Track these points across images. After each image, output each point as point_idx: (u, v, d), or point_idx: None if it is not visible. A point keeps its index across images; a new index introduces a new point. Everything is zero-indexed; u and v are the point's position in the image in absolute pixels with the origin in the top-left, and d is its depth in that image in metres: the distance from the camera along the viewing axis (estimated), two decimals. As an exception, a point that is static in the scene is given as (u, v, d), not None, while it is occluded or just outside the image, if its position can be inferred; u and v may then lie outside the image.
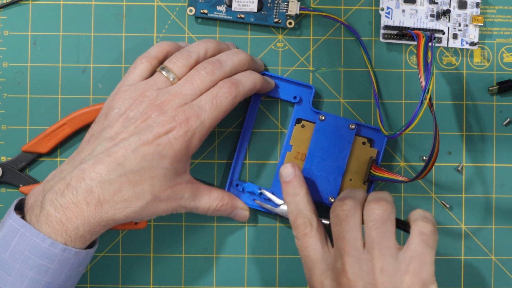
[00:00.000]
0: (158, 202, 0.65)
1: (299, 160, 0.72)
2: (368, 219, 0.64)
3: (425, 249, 0.62)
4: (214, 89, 0.66)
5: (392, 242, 0.63)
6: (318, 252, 0.65)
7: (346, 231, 0.64)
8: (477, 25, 0.73)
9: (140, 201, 0.64)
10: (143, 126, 0.64)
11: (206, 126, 0.65)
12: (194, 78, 0.66)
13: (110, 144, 0.64)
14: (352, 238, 0.63)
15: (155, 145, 0.63)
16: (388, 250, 0.62)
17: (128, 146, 0.63)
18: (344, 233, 0.64)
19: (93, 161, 0.63)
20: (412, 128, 0.65)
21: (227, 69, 0.67)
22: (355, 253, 0.63)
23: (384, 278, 0.62)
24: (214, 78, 0.66)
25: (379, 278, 0.62)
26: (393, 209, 0.64)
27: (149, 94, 0.65)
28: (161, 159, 0.63)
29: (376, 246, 0.62)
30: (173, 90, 0.65)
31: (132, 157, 0.63)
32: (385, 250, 0.62)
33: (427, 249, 0.62)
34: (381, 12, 0.73)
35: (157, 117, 0.64)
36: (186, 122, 0.64)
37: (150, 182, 0.64)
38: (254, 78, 0.68)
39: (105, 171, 0.62)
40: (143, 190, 0.64)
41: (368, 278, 0.62)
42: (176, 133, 0.64)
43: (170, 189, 0.65)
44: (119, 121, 0.65)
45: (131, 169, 0.63)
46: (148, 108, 0.64)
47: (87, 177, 0.62)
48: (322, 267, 0.65)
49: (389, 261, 0.62)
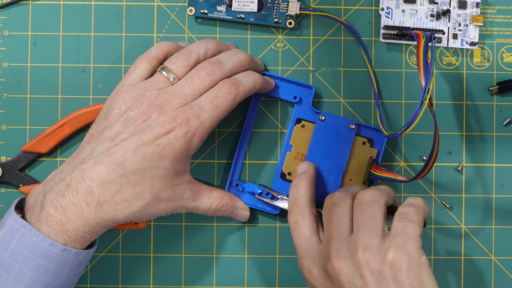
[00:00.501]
0: (158, 202, 0.65)
1: (299, 160, 0.72)
2: (356, 203, 0.64)
3: (405, 224, 0.61)
4: (214, 89, 0.66)
5: (378, 223, 0.62)
6: (308, 240, 0.65)
7: (334, 216, 0.64)
8: (477, 25, 0.73)
9: (140, 201, 0.64)
10: (143, 127, 0.64)
11: (206, 126, 0.65)
12: (194, 78, 0.66)
13: (110, 144, 0.64)
14: (340, 222, 0.63)
15: (155, 145, 0.63)
16: (374, 231, 0.61)
17: (128, 146, 0.63)
18: (332, 218, 0.64)
19: (93, 162, 0.63)
20: (412, 128, 0.65)
21: (227, 69, 0.67)
22: (342, 237, 0.62)
23: (367, 257, 0.60)
24: (214, 78, 0.66)
25: (362, 256, 0.60)
26: (382, 195, 0.63)
27: (149, 94, 0.65)
28: (161, 160, 0.63)
29: (361, 226, 0.62)
30: (173, 90, 0.65)
31: (132, 158, 0.63)
32: (370, 230, 0.61)
33: (408, 223, 0.61)
34: (381, 12, 0.73)
35: (157, 118, 0.64)
36: (186, 123, 0.64)
37: (150, 182, 0.64)
38: (254, 78, 0.68)
39: (105, 171, 0.62)
40: (143, 191, 0.64)
41: (351, 259, 0.61)
42: (176, 134, 0.64)
43: (170, 189, 0.65)
44: (119, 121, 0.64)
45: (131, 170, 0.63)
46: (148, 108, 0.64)
47: (87, 178, 0.62)
48: (311, 256, 0.64)
49: (373, 240, 0.61)
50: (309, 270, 0.64)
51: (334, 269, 0.61)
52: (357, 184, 0.72)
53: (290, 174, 0.72)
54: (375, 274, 0.60)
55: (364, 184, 0.72)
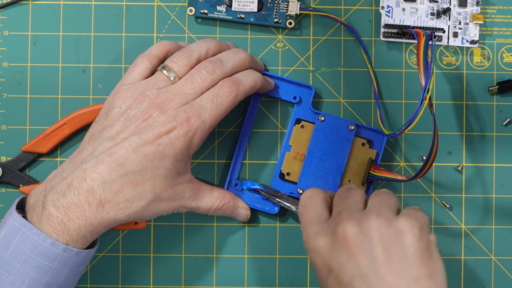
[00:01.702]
0: (159, 202, 0.65)
1: (298, 160, 0.72)
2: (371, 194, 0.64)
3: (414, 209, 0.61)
4: (215, 88, 0.66)
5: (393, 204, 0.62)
6: (319, 213, 0.64)
7: (350, 196, 0.63)
8: (477, 23, 0.73)
9: (142, 201, 0.64)
10: (144, 126, 0.64)
11: (207, 125, 0.65)
12: (195, 77, 0.66)
13: (111, 143, 0.64)
14: (354, 200, 0.63)
15: (156, 144, 0.63)
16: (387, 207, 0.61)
17: (129, 146, 0.63)
18: (347, 199, 0.63)
19: (95, 161, 0.63)
20: (412, 127, 0.65)
21: (228, 68, 0.67)
22: (356, 209, 0.62)
23: (377, 221, 0.59)
24: (215, 77, 0.66)
25: (372, 221, 0.59)
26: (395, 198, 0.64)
27: (150, 93, 0.65)
28: (163, 159, 0.63)
29: (375, 204, 0.62)
30: (174, 89, 0.65)
31: (134, 157, 0.63)
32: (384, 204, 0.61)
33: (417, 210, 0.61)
34: (381, 10, 0.73)
35: (158, 117, 0.64)
36: (187, 122, 0.64)
37: (151, 182, 0.64)
38: (255, 77, 0.68)
39: (107, 171, 0.62)
40: (145, 190, 0.64)
41: (362, 223, 0.59)
42: (177, 133, 0.64)
43: (172, 188, 0.65)
44: (120, 120, 0.64)
45: (133, 169, 0.63)
46: (149, 107, 0.64)
47: (88, 178, 0.62)
48: (319, 225, 0.62)
49: (385, 211, 0.60)
50: (315, 240, 0.61)
51: (344, 231, 0.59)
52: (356, 184, 0.72)
53: (289, 174, 0.72)
54: (385, 237, 0.59)
55: (363, 185, 0.72)
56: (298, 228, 0.73)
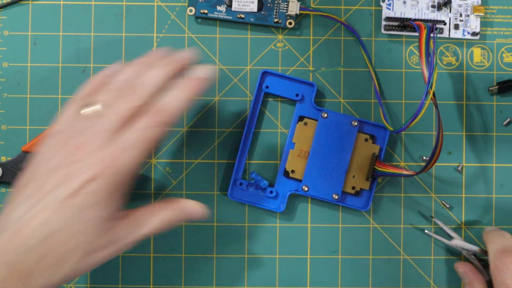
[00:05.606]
0: (94, 253, 0.60)
1: (302, 157, 0.72)
2: None
3: None
4: (139, 122, 0.61)
5: None
6: None
7: None
8: (478, 15, 0.74)
9: (71, 260, 0.58)
10: (67, 176, 0.59)
11: (134, 161, 0.60)
12: (115, 112, 0.61)
13: (32, 202, 0.58)
14: None
15: (81, 195, 0.58)
16: None
17: (53, 201, 0.58)
18: None
19: (14, 229, 0.57)
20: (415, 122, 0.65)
21: (145, 94, 0.62)
22: None
23: None
24: (135, 105, 0.61)
25: None
26: None
27: (73, 138, 0.60)
28: (90, 208, 0.58)
29: None
30: (95, 129, 0.60)
31: (58, 214, 0.58)
32: None
33: None
34: (382, 3, 0.73)
35: (81, 163, 0.59)
36: (111, 164, 0.59)
37: (82, 234, 0.59)
38: (180, 96, 0.62)
39: (29, 236, 0.57)
40: (75, 247, 0.58)
41: None
42: (102, 180, 0.59)
43: (106, 235, 0.60)
44: (43, 172, 0.59)
45: (58, 227, 0.58)
46: (70, 154, 0.59)
47: (10, 248, 0.57)
48: None
49: None
50: None
51: None
52: (360, 180, 0.72)
53: (293, 172, 0.72)
54: None
55: (368, 180, 0.72)
56: (298, 228, 0.73)
